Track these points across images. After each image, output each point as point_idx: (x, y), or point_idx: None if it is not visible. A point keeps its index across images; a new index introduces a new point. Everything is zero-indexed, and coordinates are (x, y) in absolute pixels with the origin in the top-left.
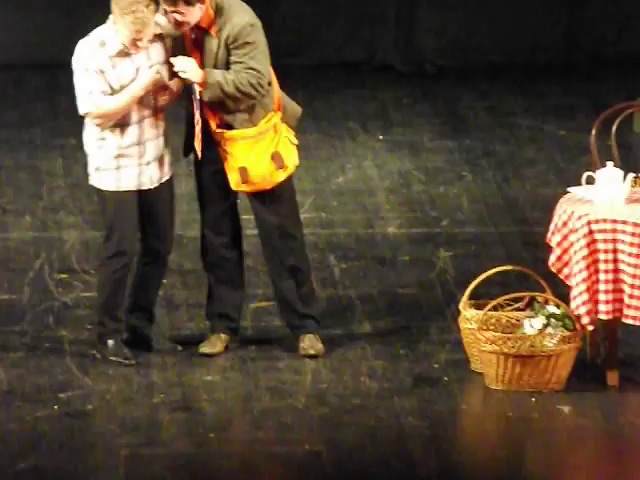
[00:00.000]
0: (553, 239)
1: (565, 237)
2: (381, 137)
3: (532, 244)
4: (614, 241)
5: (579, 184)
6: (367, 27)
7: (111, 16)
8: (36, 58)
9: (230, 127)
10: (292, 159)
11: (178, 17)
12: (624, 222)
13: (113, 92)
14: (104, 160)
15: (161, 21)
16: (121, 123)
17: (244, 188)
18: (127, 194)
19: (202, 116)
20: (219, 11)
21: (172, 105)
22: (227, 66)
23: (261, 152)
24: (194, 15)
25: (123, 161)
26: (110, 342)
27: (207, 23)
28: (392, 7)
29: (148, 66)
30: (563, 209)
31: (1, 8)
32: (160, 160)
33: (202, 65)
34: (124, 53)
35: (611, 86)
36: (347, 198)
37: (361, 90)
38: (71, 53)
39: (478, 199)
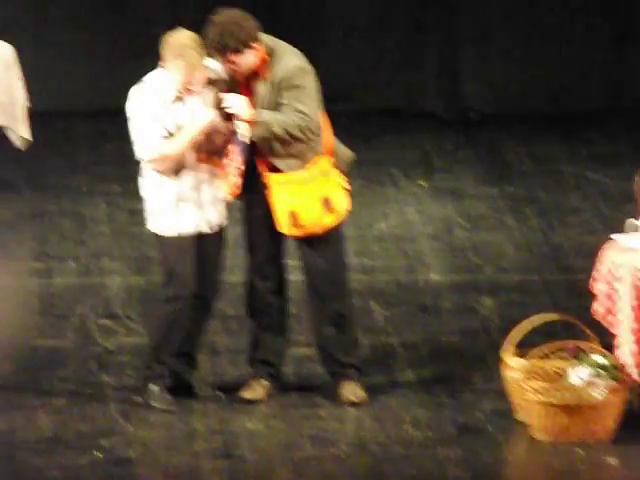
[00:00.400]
0: (596, 286)
1: (609, 285)
2: (423, 183)
3: (577, 292)
4: None
5: (623, 232)
6: (410, 73)
7: (163, 61)
8: (82, 106)
9: (280, 171)
10: (342, 204)
11: (232, 66)
12: None
13: (169, 136)
14: (162, 205)
15: (215, 66)
16: (178, 168)
17: (294, 232)
18: (186, 238)
19: (252, 159)
20: (270, 54)
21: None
22: (276, 109)
23: (311, 196)
24: (247, 62)
25: (181, 205)
26: (154, 388)
27: (259, 67)
28: (435, 54)
29: (202, 110)
30: (607, 257)
31: (46, 57)
32: (218, 204)
33: (254, 107)
34: (178, 97)
35: None
36: (389, 244)
37: (403, 136)
38: (116, 101)
39: (522, 246)
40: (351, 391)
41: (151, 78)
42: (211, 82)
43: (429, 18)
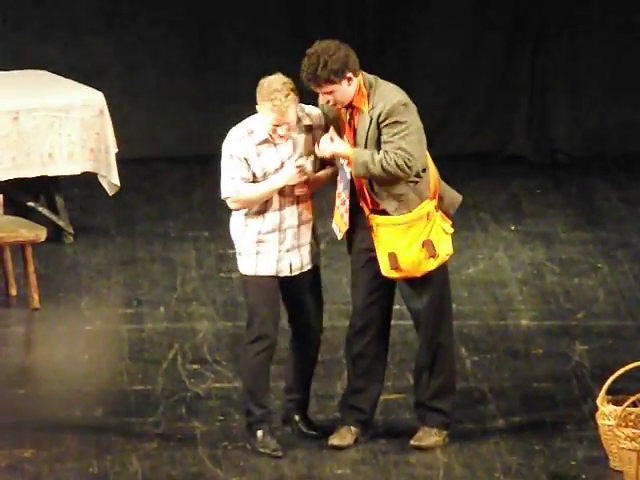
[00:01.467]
0: None
1: None
2: (513, 228)
3: None
4: None
5: None
6: (499, 117)
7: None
8: (171, 152)
9: (384, 213)
10: (444, 248)
11: (328, 97)
12: None
13: (255, 180)
14: (246, 245)
15: (311, 110)
16: (262, 209)
17: (393, 274)
18: (266, 279)
19: (356, 201)
20: (372, 89)
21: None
22: (378, 145)
23: (412, 239)
24: (344, 93)
25: (262, 247)
26: (259, 433)
27: (359, 101)
28: (524, 96)
29: (293, 158)
30: None
31: (136, 104)
32: (301, 248)
33: (355, 144)
34: (270, 142)
35: None
36: (478, 289)
37: (492, 180)
38: (205, 147)
39: (614, 291)
40: (422, 435)
41: (248, 120)
42: (308, 129)
43: (518, 60)
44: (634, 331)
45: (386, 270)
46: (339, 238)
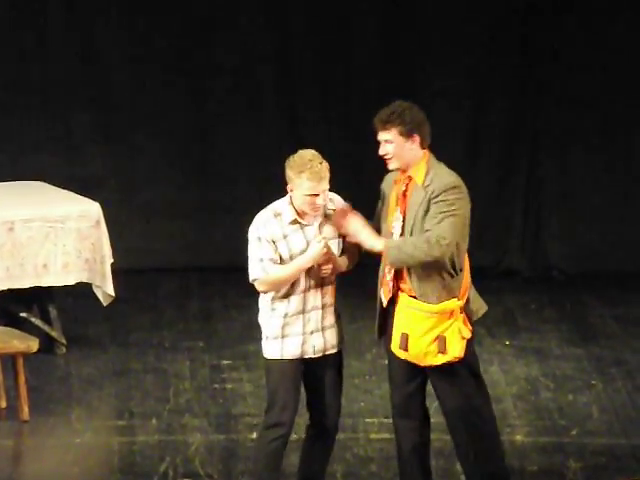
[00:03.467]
0: None
1: None
2: (508, 342)
3: None
4: None
5: None
6: (494, 232)
7: (288, 182)
8: (166, 263)
9: (411, 296)
10: (455, 349)
11: (387, 147)
12: None
13: (282, 262)
14: (273, 329)
15: (334, 197)
16: (288, 292)
17: (401, 354)
18: (291, 363)
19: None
20: (432, 168)
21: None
22: (423, 222)
23: (428, 329)
24: (401, 151)
25: (288, 329)
26: None
27: (417, 173)
28: (519, 213)
29: (317, 240)
30: None
31: (131, 215)
32: (326, 331)
33: (404, 216)
34: (297, 224)
35: None
36: None
37: (487, 295)
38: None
39: (608, 409)
40: None
41: (275, 204)
42: (327, 216)
43: (513, 177)
44: (628, 449)
45: (395, 346)
46: (384, 305)
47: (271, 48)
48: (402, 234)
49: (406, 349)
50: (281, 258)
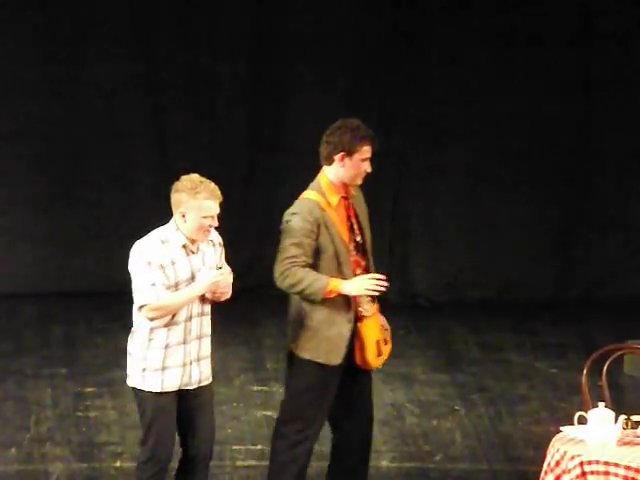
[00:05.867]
0: (546, 479)
1: (558, 478)
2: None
3: None
4: None
5: (571, 423)
6: None
7: (173, 218)
8: (29, 288)
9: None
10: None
11: (369, 166)
12: (616, 465)
13: (171, 287)
14: (152, 361)
15: (213, 230)
16: (170, 322)
17: (376, 362)
18: (168, 397)
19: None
20: None
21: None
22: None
23: (380, 331)
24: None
25: (168, 361)
26: None
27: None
28: (386, 240)
29: (203, 270)
30: (556, 448)
31: None
32: (201, 361)
33: (360, 227)
34: (184, 251)
35: (602, 327)
36: None
37: None
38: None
39: (471, 434)
40: None
41: (158, 232)
42: (212, 243)
43: (381, 206)
44: (489, 475)
45: (372, 356)
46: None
47: (141, 72)
48: (363, 241)
49: (380, 354)
50: (171, 284)
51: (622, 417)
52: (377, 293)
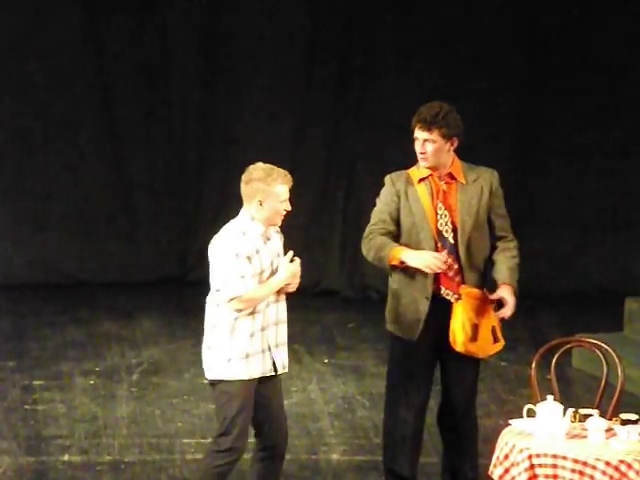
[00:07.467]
0: (495, 472)
1: (507, 470)
2: (326, 360)
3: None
4: (555, 477)
5: (520, 416)
6: (313, 252)
7: (244, 208)
8: None
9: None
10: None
11: (427, 147)
12: (564, 457)
13: (254, 276)
14: (236, 350)
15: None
16: (252, 310)
17: (470, 348)
18: (253, 385)
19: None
20: (462, 165)
21: None
22: (484, 214)
23: (489, 319)
24: (440, 153)
25: (251, 348)
26: None
27: (458, 173)
28: (337, 233)
29: (282, 256)
30: (505, 441)
31: None
32: (281, 347)
33: (458, 213)
34: (262, 239)
35: (550, 321)
36: (291, 422)
37: (306, 314)
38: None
39: None
40: None
41: (234, 225)
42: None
43: (332, 198)
44: (438, 468)
45: (463, 344)
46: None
47: (91, 68)
48: (454, 229)
49: (477, 339)
50: (256, 274)
51: (570, 410)
52: (437, 271)
